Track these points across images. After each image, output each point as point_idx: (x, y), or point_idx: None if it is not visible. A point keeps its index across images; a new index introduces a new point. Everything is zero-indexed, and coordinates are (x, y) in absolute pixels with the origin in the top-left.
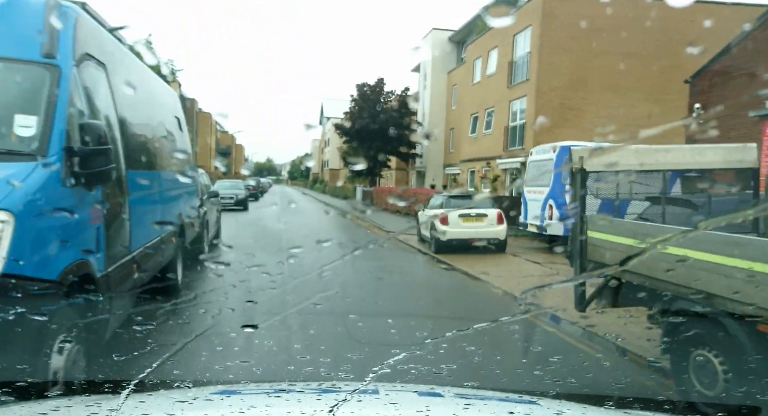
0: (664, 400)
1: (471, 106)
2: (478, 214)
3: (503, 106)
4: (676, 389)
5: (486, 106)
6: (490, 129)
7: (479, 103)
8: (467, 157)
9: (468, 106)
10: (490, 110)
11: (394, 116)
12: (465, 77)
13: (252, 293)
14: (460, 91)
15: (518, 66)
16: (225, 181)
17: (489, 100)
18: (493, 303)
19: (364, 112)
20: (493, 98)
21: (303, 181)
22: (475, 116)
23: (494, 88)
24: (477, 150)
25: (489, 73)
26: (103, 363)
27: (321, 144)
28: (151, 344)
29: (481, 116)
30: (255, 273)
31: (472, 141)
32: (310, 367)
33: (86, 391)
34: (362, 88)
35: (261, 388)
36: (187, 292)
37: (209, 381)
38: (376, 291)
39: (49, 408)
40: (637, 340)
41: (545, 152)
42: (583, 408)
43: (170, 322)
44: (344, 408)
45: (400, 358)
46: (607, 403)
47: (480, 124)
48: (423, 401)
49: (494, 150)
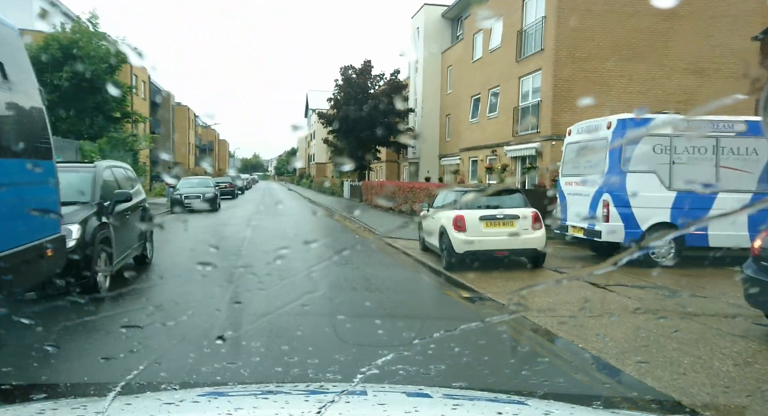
0: (651, 399)
1: (471, 87)
2: (507, 216)
3: (511, 85)
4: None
5: (489, 85)
6: (495, 112)
7: (481, 83)
8: (468, 144)
9: (467, 88)
10: (495, 90)
11: (384, 102)
12: (463, 55)
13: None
14: (457, 71)
15: (529, 35)
16: (192, 178)
17: (493, 78)
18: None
19: (351, 99)
20: (498, 76)
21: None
22: (477, 98)
23: (499, 64)
24: (479, 136)
25: (492, 48)
26: (89, 365)
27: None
28: (137, 346)
29: (484, 98)
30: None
31: (473, 127)
32: (297, 369)
33: (72, 393)
34: (347, 71)
35: (248, 390)
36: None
37: (196, 383)
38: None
39: (35, 410)
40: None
41: (593, 130)
42: (571, 408)
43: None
44: (332, 409)
45: (388, 359)
46: (595, 403)
47: (482, 107)
48: (411, 402)
49: (501, 135)
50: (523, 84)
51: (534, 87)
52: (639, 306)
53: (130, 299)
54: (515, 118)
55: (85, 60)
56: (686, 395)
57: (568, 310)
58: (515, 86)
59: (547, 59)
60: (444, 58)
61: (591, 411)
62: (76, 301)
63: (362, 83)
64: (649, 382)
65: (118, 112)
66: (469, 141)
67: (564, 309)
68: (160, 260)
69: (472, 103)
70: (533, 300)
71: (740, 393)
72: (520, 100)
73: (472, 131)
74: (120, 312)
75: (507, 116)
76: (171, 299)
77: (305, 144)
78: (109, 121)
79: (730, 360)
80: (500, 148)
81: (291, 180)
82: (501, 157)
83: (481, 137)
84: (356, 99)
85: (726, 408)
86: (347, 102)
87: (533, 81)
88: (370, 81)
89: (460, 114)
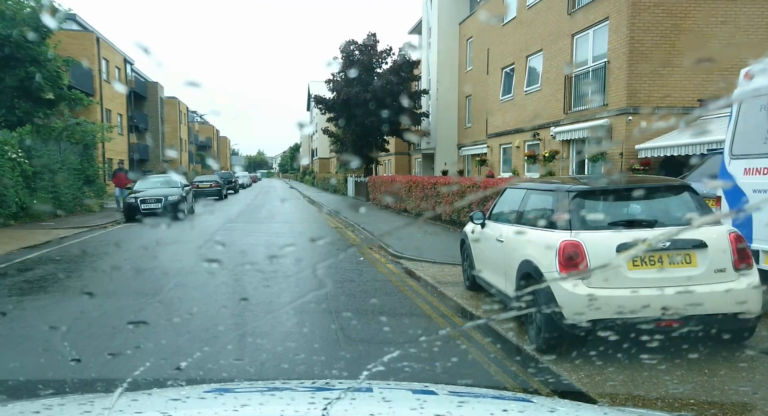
0: (656, 398)
1: (501, 58)
2: (680, 245)
3: (561, 47)
4: None
5: (528, 51)
6: (536, 84)
7: (516, 50)
8: (498, 129)
9: (496, 59)
10: (535, 56)
11: (392, 82)
12: (488, 21)
13: None
14: (481, 42)
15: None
16: (155, 176)
17: (533, 41)
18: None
19: (353, 80)
20: (540, 38)
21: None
22: (509, 70)
23: (542, 21)
24: (515, 117)
25: (531, 2)
26: (96, 361)
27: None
28: (144, 343)
29: (520, 68)
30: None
31: (505, 106)
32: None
33: (79, 390)
34: (349, 47)
35: (254, 386)
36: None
37: (202, 380)
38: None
39: (43, 406)
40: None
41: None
42: (576, 405)
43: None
44: (338, 406)
45: (394, 356)
46: (600, 401)
47: (518, 81)
48: (417, 399)
49: (545, 114)
50: (578, 44)
51: (596, 45)
52: None
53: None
54: (567, 90)
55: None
56: None
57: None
58: (567, 48)
59: (617, 3)
60: (462, 29)
61: (596, 408)
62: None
63: (366, 61)
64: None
65: (50, 92)
66: (499, 124)
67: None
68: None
69: (503, 78)
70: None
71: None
72: (574, 65)
73: (503, 112)
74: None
75: (554, 88)
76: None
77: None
78: (38, 105)
79: None
80: (545, 130)
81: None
82: (546, 142)
83: (518, 118)
84: (359, 79)
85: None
86: (349, 83)
87: (595, 38)
88: (375, 58)
89: (486, 93)
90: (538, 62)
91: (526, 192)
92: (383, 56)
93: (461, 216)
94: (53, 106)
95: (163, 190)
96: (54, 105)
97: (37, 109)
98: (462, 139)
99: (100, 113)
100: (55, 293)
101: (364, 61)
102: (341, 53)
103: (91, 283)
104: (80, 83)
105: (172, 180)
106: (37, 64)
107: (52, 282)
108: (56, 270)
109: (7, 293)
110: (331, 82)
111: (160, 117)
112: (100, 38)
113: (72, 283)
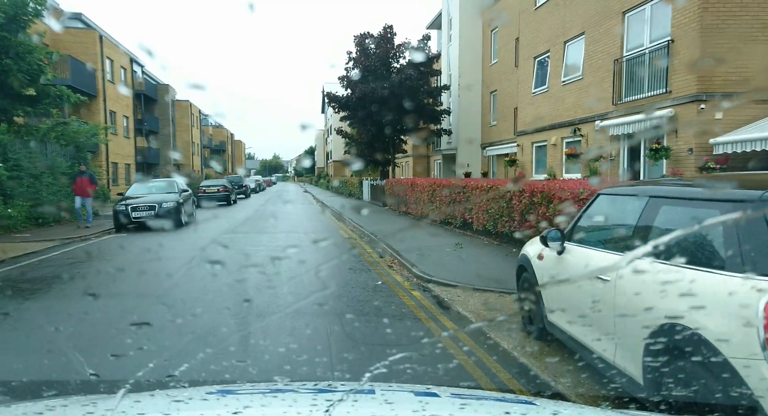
0: (659, 401)
1: (534, 45)
2: None
3: (608, 27)
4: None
5: (566, 35)
6: (577, 73)
7: (552, 36)
8: (530, 125)
9: (528, 47)
10: (575, 41)
11: (411, 77)
12: (519, 3)
13: None
14: (508, 32)
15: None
16: (151, 181)
17: (572, 24)
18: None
19: (368, 75)
20: (581, 19)
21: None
22: (544, 59)
23: (584, 0)
24: (550, 111)
25: None
26: (99, 362)
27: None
28: (147, 343)
29: (557, 56)
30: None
31: (538, 100)
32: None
33: (82, 391)
34: (363, 40)
35: (257, 388)
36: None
37: (205, 381)
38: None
39: (45, 407)
40: None
41: None
42: (579, 407)
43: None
44: (340, 408)
45: (397, 358)
46: (603, 403)
47: (554, 70)
48: (419, 401)
49: (587, 107)
50: (630, 23)
51: (655, 22)
52: None
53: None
54: (617, 78)
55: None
56: None
57: None
58: (616, 28)
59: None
60: (486, 19)
61: (599, 411)
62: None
63: (382, 54)
64: None
65: (30, 87)
66: (531, 120)
67: None
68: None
69: (535, 67)
70: None
71: None
72: (625, 48)
73: (536, 106)
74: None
75: (600, 76)
76: None
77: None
78: (17, 102)
79: None
80: (588, 125)
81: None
82: (590, 138)
83: (554, 112)
84: (375, 75)
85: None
86: (364, 80)
87: (652, 13)
88: (392, 52)
89: (515, 87)
90: (578, 48)
91: (652, 201)
92: (401, 50)
93: (498, 225)
94: (35, 103)
95: (157, 195)
96: (36, 102)
97: (16, 107)
98: (486, 138)
99: (103, 114)
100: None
101: (380, 55)
102: (356, 47)
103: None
104: (82, 83)
105: (170, 184)
106: (16, 57)
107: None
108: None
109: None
110: (345, 79)
111: (171, 120)
112: (103, 36)
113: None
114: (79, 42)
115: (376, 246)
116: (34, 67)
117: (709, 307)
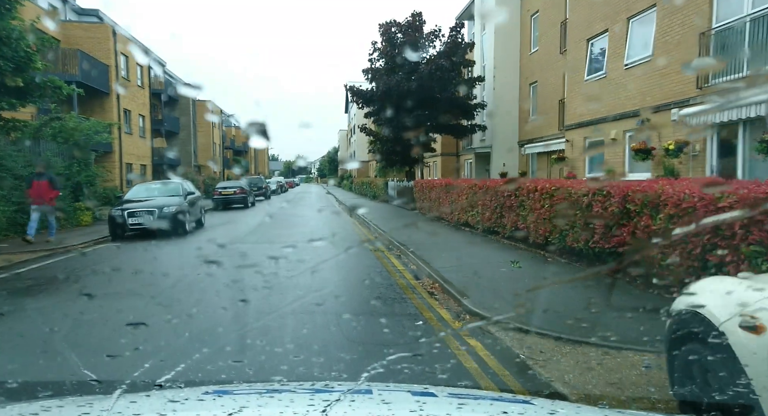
0: (657, 399)
1: (586, 26)
2: None
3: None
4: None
5: (631, 10)
6: (647, 52)
7: (611, 12)
8: (583, 118)
9: (579, 28)
10: (643, 15)
11: (443, 67)
12: None
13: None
14: (552, 13)
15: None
16: (154, 183)
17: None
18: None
19: (395, 66)
20: None
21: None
22: (599, 40)
23: None
24: (608, 101)
25: None
26: (95, 363)
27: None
28: (143, 344)
29: (618, 35)
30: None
31: (592, 87)
32: (302, 367)
33: (78, 391)
34: (389, 29)
35: (253, 388)
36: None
37: (201, 381)
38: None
39: (41, 408)
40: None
41: None
42: (577, 407)
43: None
44: (337, 408)
45: (394, 358)
46: (600, 402)
47: (613, 52)
48: (416, 401)
49: (662, 92)
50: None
51: None
52: None
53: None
54: (704, 55)
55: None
56: None
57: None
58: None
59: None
60: (525, 3)
61: (597, 410)
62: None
63: (411, 43)
64: None
65: (18, 78)
66: (584, 111)
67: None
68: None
69: (588, 51)
70: None
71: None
72: (715, 18)
73: (590, 95)
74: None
75: (677, 56)
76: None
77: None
78: (2, 95)
79: None
80: (662, 115)
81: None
82: (661, 130)
83: (614, 101)
84: (403, 66)
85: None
86: (390, 72)
87: None
88: (421, 41)
89: (560, 76)
90: (647, 23)
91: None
92: (431, 38)
93: (568, 238)
94: (23, 95)
95: (159, 199)
96: (24, 95)
97: (2, 100)
98: (524, 135)
99: (116, 113)
100: None
101: (408, 44)
102: (381, 37)
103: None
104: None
105: (174, 187)
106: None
107: None
108: None
109: None
110: (369, 71)
111: (192, 120)
112: (116, 31)
113: None
114: (90, 36)
115: (409, 262)
116: (21, 54)
117: None
